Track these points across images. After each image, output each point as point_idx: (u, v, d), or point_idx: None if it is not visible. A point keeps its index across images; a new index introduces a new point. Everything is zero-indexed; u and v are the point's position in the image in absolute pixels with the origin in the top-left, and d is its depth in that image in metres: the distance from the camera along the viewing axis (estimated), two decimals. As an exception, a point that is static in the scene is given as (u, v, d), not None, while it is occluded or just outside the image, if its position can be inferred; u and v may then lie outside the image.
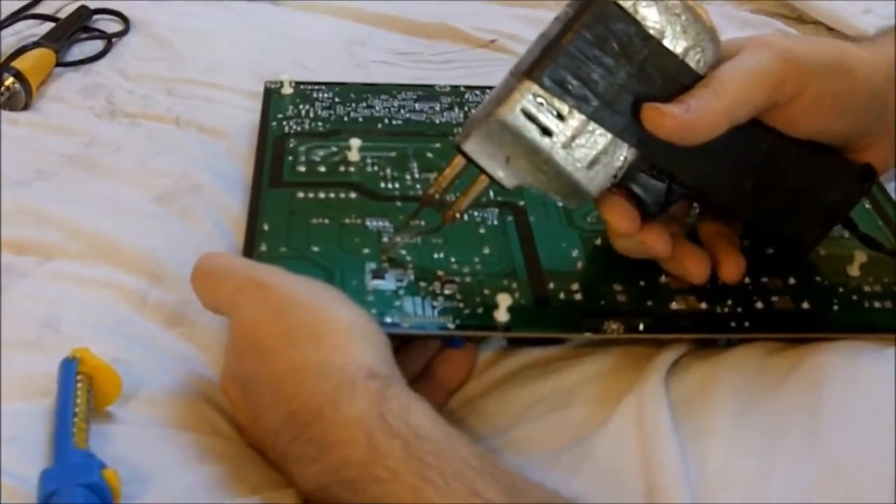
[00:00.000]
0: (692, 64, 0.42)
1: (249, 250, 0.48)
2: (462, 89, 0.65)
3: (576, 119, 0.42)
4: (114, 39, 0.73)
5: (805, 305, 0.47)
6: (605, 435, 0.42)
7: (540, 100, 0.42)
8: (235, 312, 0.42)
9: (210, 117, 0.64)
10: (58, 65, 0.69)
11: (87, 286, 0.50)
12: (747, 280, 0.47)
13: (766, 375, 0.43)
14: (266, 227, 0.50)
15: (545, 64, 0.42)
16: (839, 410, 0.41)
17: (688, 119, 0.42)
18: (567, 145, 0.42)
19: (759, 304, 0.46)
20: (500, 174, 0.44)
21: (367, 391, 0.37)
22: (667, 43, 0.42)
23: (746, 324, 0.45)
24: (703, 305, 0.46)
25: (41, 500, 0.37)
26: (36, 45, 0.69)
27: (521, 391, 0.45)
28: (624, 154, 0.43)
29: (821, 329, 0.46)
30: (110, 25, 0.75)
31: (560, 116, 0.42)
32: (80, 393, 0.42)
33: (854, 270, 0.49)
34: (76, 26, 0.73)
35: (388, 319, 0.44)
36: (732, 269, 0.47)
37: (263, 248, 0.49)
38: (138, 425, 0.43)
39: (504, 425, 0.44)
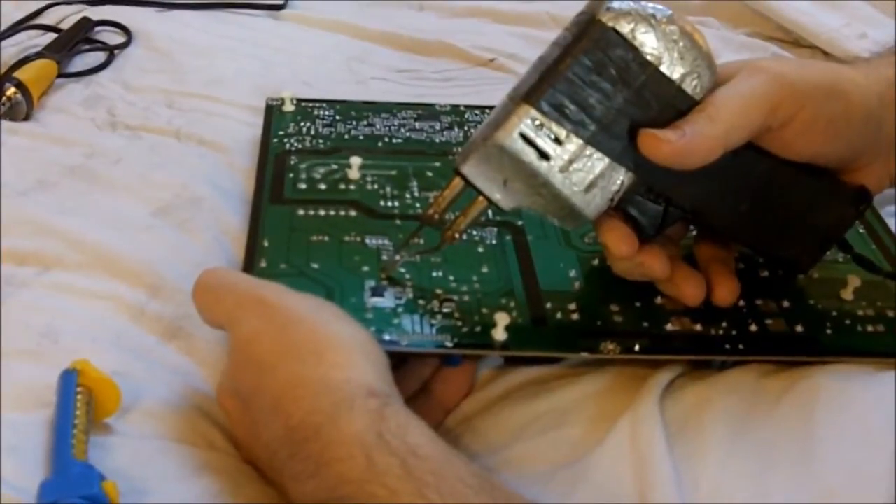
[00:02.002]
0: (689, 90, 0.43)
1: (249, 266, 0.49)
2: (462, 108, 0.65)
3: (573, 143, 0.42)
4: (116, 51, 0.73)
5: (799, 328, 0.47)
6: (600, 455, 0.42)
7: (538, 124, 0.42)
8: (236, 328, 0.42)
9: (210, 131, 0.64)
10: (59, 76, 0.69)
11: (87, 297, 0.50)
12: (741, 303, 0.48)
13: (759, 398, 0.44)
14: (266, 244, 0.50)
15: (543, 89, 0.42)
16: (832, 434, 0.41)
17: (684, 145, 0.42)
18: (564, 169, 0.43)
19: (754, 327, 0.47)
20: (497, 196, 0.44)
21: (366, 409, 0.37)
22: (664, 69, 0.42)
23: (740, 346, 0.46)
24: (698, 327, 0.47)
25: None
26: (38, 55, 0.70)
27: (518, 410, 0.46)
28: (621, 178, 0.43)
29: (814, 352, 0.46)
30: (112, 37, 0.76)
31: (558, 141, 0.42)
32: (79, 405, 0.42)
33: (847, 294, 0.49)
34: (78, 37, 0.74)
35: (387, 337, 0.44)
36: (726, 292, 0.47)
37: (263, 264, 0.49)
38: (136, 438, 0.43)
39: (500, 444, 0.44)
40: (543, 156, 0.42)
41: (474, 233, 0.52)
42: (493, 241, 0.52)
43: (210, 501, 0.41)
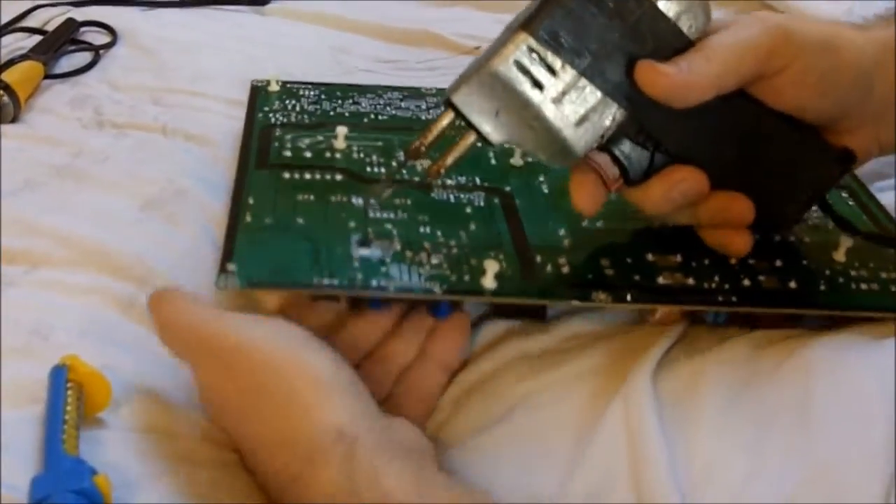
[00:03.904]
0: (684, 28, 0.43)
1: (234, 222, 0.48)
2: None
3: (568, 74, 0.42)
4: (101, 51, 0.73)
5: (792, 285, 0.47)
6: (594, 434, 0.42)
7: (533, 54, 0.42)
8: (198, 371, 0.42)
9: (196, 126, 0.64)
10: (46, 77, 0.69)
11: (75, 293, 0.50)
12: (733, 261, 0.48)
13: (754, 370, 0.44)
14: (251, 201, 0.49)
15: (541, 18, 0.42)
16: (827, 406, 0.41)
17: (680, 79, 0.42)
18: (557, 100, 0.43)
19: (747, 282, 0.47)
20: (487, 129, 0.43)
21: (336, 457, 0.37)
22: (660, 5, 0.43)
23: (734, 298, 0.45)
24: (690, 281, 0.46)
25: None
26: (24, 57, 0.69)
27: (509, 389, 0.45)
28: (613, 113, 0.43)
29: (809, 306, 0.46)
30: (98, 37, 0.75)
31: (552, 70, 0.42)
32: (70, 400, 0.42)
33: (840, 256, 0.49)
34: (64, 39, 0.74)
35: (374, 283, 0.44)
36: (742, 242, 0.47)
37: (248, 218, 0.48)
38: (128, 431, 0.43)
39: (490, 423, 0.44)
40: (537, 85, 0.42)
41: (461, 195, 0.51)
42: (481, 204, 0.51)
43: (203, 492, 0.41)
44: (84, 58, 0.73)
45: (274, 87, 0.63)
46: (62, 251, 0.52)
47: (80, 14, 0.77)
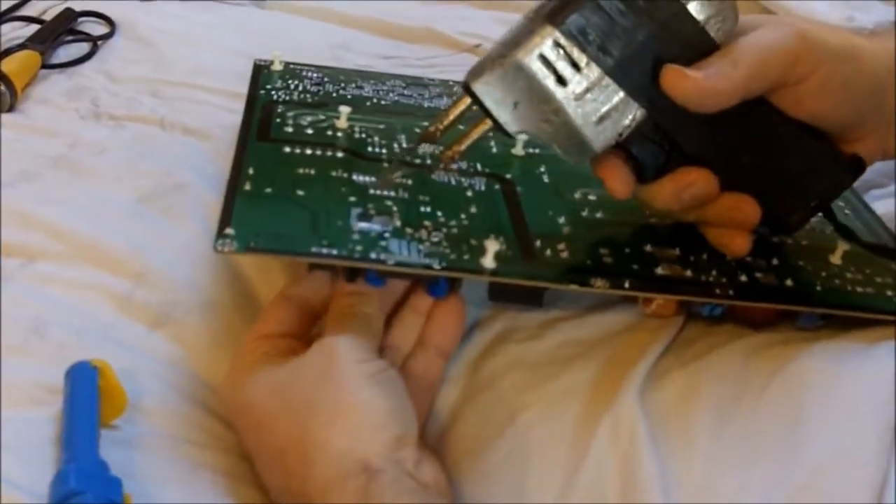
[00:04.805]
0: (712, 32, 0.43)
1: (233, 190, 0.47)
2: (451, 83, 0.64)
3: (593, 72, 0.42)
4: (99, 42, 0.73)
5: (789, 283, 0.47)
6: (585, 456, 0.42)
7: (559, 49, 0.42)
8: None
9: (195, 119, 0.64)
10: (43, 67, 0.69)
11: (73, 288, 0.49)
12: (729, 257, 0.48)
13: (746, 384, 0.43)
14: (251, 171, 0.49)
15: (569, 11, 0.42)
16: (819, 418, 0.41)
17: (707, 85, 0.42)
18: (580, 98, 0.42)
19: (744, 278, 0.47)
20: (504, 119, 0.43)
21: (354, 488, 0.38)
22: (691, 8, 0.43)
23: (731, 292, 0.45)
24: (689, 273, 0.46)
25: (58, 494, 0.37)
26: (21, 46, 0.69)
27: (505, 403, 0.45)
28: (633, 114, 0.43)
29: (806, 303, 0.46)
30: (96, 28, 0.75)
31: (576, 67, 0.42)
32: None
33: (836, 259, 0.49)
34: (62, 28, 0.73)
35: (373, 255, 0.43)
36: (742, 241, 0.47)
37: (248, 187, 0.47)
38: (131, 435, 0.43)
39: (485, 442, 0.44)
40: (560, 81, 0.42)
41: (462, 180, 0.51)
42: (482, 188, 0.51)
43: (211, 497, 0.41)
44: (82, 48, 0.72)
45: (277, 67, 0.63)
46: (59, 245, 0.52)
47: (79, 4, 0.77)
